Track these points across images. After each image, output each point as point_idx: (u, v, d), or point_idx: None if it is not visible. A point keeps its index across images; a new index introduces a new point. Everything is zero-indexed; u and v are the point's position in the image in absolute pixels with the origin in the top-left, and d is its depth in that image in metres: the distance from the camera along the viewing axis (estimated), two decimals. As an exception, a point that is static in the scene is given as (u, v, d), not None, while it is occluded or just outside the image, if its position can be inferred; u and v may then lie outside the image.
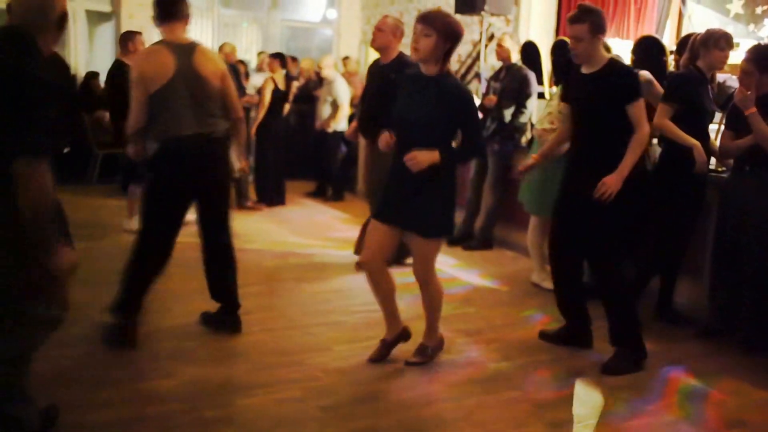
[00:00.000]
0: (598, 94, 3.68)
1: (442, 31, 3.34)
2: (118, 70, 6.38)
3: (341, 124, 8.34)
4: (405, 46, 5.27)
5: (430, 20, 3.36)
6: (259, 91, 7.91)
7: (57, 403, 2.84)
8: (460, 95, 3.46)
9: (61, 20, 2.62)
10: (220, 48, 8.68)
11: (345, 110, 8.28)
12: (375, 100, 5.31)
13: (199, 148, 3.74)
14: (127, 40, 6.54)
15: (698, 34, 4.31)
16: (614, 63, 3.73)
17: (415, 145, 3.37)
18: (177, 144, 3.71)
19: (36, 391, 2.66)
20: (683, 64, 4.33)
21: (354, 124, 6.09)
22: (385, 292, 3.68)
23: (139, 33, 6.65)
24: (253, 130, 7.78)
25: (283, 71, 7.97)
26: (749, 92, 3.84)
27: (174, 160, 3.74)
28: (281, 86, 7.80)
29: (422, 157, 3.33)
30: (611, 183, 3.58)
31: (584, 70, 3.76)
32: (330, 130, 8.33)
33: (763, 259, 3.98)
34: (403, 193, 3.49)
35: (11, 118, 2.34)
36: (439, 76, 3.42)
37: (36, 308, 2.48)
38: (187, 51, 3.74)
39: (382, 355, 3.70)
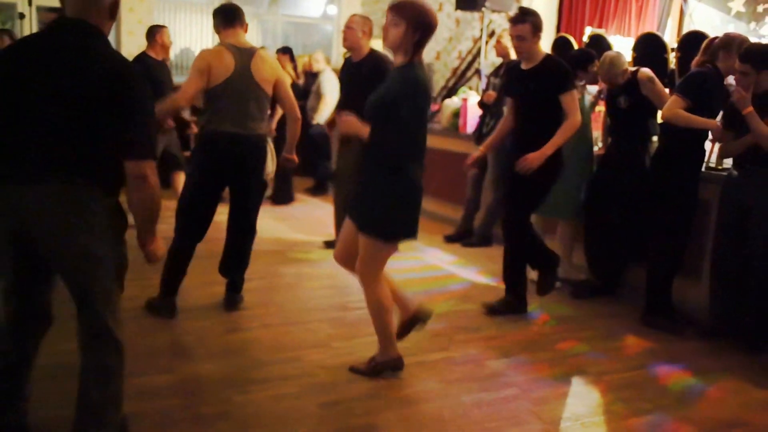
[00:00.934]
0: (536, 87, 4.17)
1: (412, 21, 3.14)
2: (140, 62, 6.33)
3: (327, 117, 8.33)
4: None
5: (400, 9, 3.18)
6: None
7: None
8: (403, 93, 3.15)
9: (113, 7, 2.46)
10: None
11: (329, 102, 8.21)
12: (349, 98, 5.38)
13: (234, 145, 4.08)
14: (154, 33, 6.53)
15: (715, 38, 4.29)
16: (549, 58, 4.26)
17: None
18: (214, 138, 4.08)
19: (35, 384, 2.64)
20: (696, 64, 4.30)
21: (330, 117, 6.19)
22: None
23: (165, 27, 6.63)
24: (274, 125, 7.74)
25: (293, 65, 7.92)
26: (746, 92, 3.83)
27: (209, 152, 4.13)
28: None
29: (352, 122, 3.23)
30: (532, 158, 4.09)
31: (524, 66, 4.26)
32: (314, 122, 8.29)
33: (763, 258, 3.97)
34: (361, 186, 3.41)
35: (121, 118, 2.35)
36: (404, 66, 3.21)
37: None
38: (246, 55, 4.10)
39: (400, 334, 3.59)
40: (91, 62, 2.32)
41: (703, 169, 4.39)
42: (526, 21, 4.14)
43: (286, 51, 8.02)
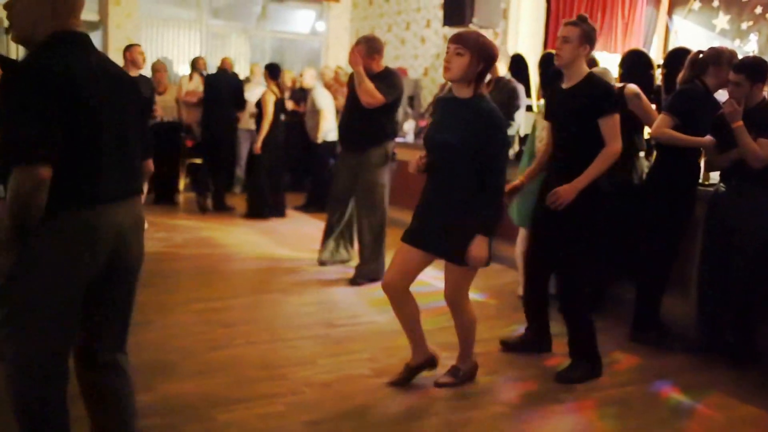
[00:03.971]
0: (575, 108, 3.65)
1: (476, 51, 3.17)
2: None
3: (330, 134, 8.31)
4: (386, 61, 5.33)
5: (464, 39, 3.19)
6: (258, 104, 7.84)
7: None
8: (491, 121, 3.23)
9: None
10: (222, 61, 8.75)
11: (327, 118, 8.23)
12: (350, 113, 5.43)
13: None
14: (124, 51, 6.93)
15: (698, 52, 4.28)
16: (592, 77, 3.71)
17: (443, 169, 3.32)
18: None
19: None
20: (682, 80, 4.28)
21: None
22: (407, 317, 3.52)
23: (137, 45, 6.90)
24: (259, 144, 7.75)
25: (276, 82, 7.91)
26: (738, 105, 3.84)
27: None
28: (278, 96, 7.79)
29: (479, 252, 3.25)
30: (563, 192, 3.59)
31: (564, 85, 3.74)
32: (318, 141, 8.27)
33: (749, 273, 3.97)
34: (435, 218, 3.35)
35: (141, 122, 2.49)
36: (473, 98, 3.25)
37: None
38: None
39: (403, 379, 3.56)
40: (126, 74, 2.45)
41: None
42: (578, 25, 3.62)
43: (268, 68, 8.00)
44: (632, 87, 4.55)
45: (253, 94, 8.41)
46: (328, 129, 8.29)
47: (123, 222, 2.30)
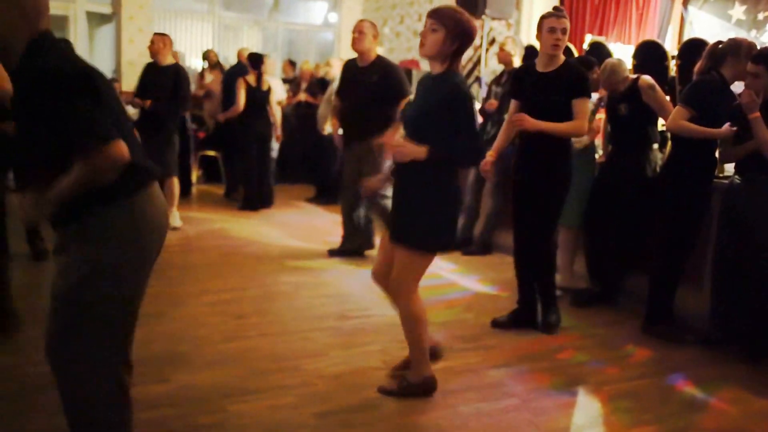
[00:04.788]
0: (556, 91, 4.03)
1: (452, 28, 3.04)
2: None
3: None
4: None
5: (440, 15, 3.07)
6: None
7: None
8: (454, 94, 3.09)
9: None
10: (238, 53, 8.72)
11: None
12: (353, 102, 5.52)
13: None
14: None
15: (717, 42, 4.23)
16: (568, 63, 4.17)
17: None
18: None
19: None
20: (698, 70, 4.23)
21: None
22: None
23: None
24: (221, 118, 7.85)
25: (256, 71, 7.78)
26: (756, 96, 3.79)
27: None
28: (258, 86, 7.70)
29: (407, 149, 3.09)
30: (529, 121, 3.99)
31: (542, 69, 4.13)
32: (324, 132, 8.26)
33: (764, 265, 3.93)
34: (395, 198, 3.30)
35: None
36: (441, 74, 3.14)
37: None
38: None
39: (405, 367, 3.45)
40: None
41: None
42: (566, 17, 4.11)
43: (248, 57, 7.95)
44: (647, 78, 4.52)
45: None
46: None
47: (164, 203, 2.36)
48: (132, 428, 2.36)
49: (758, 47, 4.13)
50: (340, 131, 6.01)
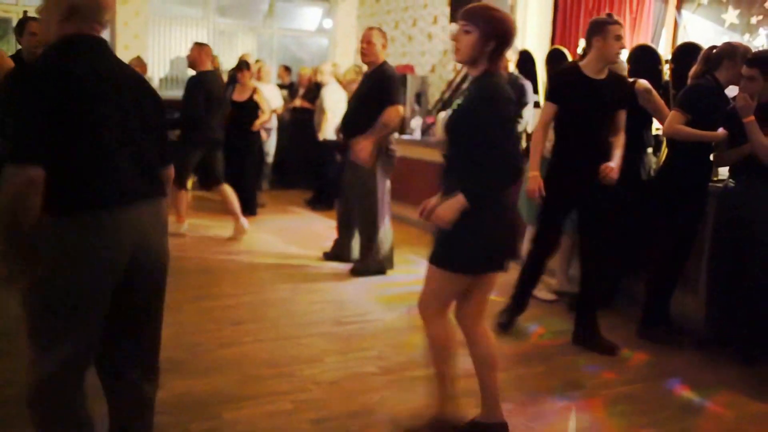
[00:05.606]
0: (609, 100, 4.00)
1: (485, 28, 2.74)
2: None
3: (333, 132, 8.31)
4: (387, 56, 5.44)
5: (471, 15, 2.77)
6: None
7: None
8: (480, 96, 2.79)
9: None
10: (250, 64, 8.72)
11: (330, 118, 8.20)
12: (350, 109, 5.61)
13: None
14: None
15: (712, 47, 4.24)
16: (616, 73, 4.14)
17: (449, 161, 2.94)
18: None
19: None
20: (693, 74, 4.24)
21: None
22: (475, 358, 3.02)
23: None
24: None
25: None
26: (751, 100, 3.80)
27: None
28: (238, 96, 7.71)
29: (444, 213, 2.76)
30: (613, 168, 3.93)
31: (594, 75, 4.00)
32: (320, 138, 8.26)
33: (759, 269, 3.94)
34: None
35: (160, 126, 2.48)
36: (477, 77, 2.83)
37: None
38: None
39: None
40: (142, 79, 2.41)
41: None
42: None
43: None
44: (643, 82, 4.52)
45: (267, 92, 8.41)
46: (331, 127, 8.28)
47: (141, 226, 2.27)
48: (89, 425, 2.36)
49: (753, 51, 4.15)
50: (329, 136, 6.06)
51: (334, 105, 8.13)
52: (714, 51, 4.15)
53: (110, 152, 2.18)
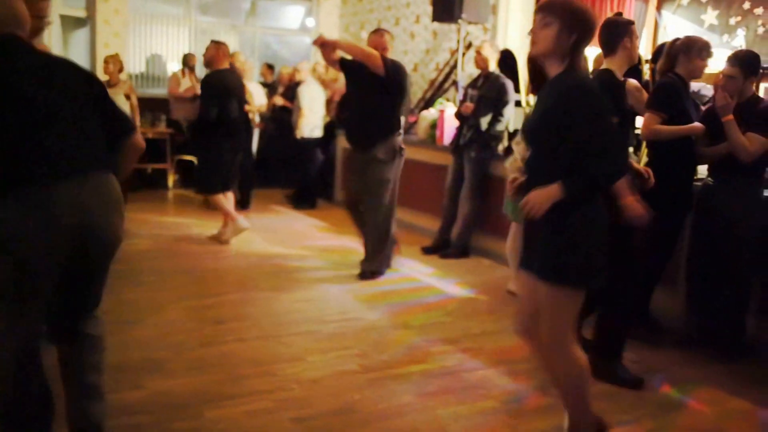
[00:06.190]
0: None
1: (566, 19, 2.58)
2: None
3: (315, 130, 8.32)
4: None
5: (551, 7, 2.61)
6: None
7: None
8: (571, 95, 2.57)
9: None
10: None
11: (306, 115, 8.20)
12: (359, 112, 5.42)
13: None
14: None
15: (675, 40, 4.26)
16: None
17: (533, 164, 2.73)
18: None
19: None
20: (660, 69, 4.27)
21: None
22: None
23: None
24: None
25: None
26: (731, 99, 3.83)
27: None
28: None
29: (537, 199, 2.56)
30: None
31: (621, 79, 3.77)
32: (297, 136, 8.27)
33: (738, 267, 3.98)
34: (529, 227, 2.75)
35: (102, 104, 2.65)
36: (559, 74, 2.64)
37: None
38: None
39: None
40: (76, 67, 2.58)
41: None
42: None
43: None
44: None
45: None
46: (313, 125, 8.29)
47: (80, 201, 2.35)
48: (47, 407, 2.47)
49: (731, 51, 4.18)
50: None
51: (311, 102, 8.20)
52: (674, 46, 4.15)
53: (33, 132, 2.31)
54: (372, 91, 5.23)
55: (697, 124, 4.05)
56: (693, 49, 4.03)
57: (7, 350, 2.30)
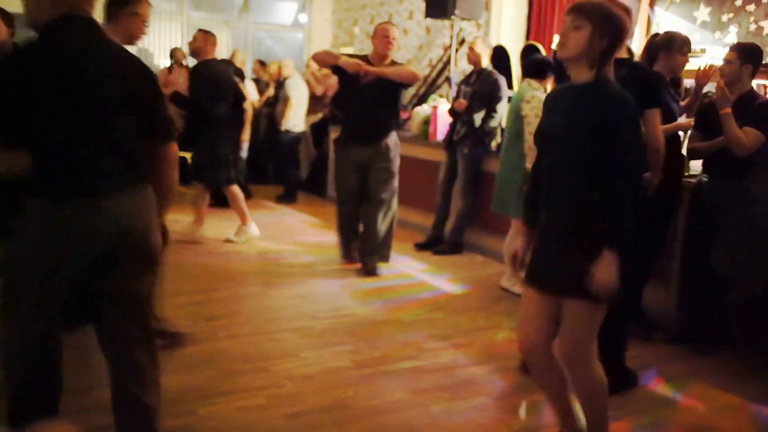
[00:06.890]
0: None
1: (600, 23, 2.47)
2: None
3: (297, 126, 8.34)
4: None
5: (584, 9, 2.49)
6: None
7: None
8: (616, 109, 2.46)
9: None
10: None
11: (295, 107, 8.23)
12: (364, 109, 5.40)
13: None
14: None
15: (654, 35, 4.24)
16: None
17: (551, 170, 2.58)
18: None
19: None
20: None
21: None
22: (552, 386, 2.75)
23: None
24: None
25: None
26: (730, 93, 3.84)
27: None
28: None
29: (605, 277, 2.39)
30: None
31: None
32: (282, 128, 8.31)
33: (731, 263, 3.98)
34: (548, 238, 2.62)
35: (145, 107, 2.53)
36: (591, 83, 2.51)
37: None
38: None
39: None
40: (138, 65, 2.45)
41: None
42: None
43: None
44: None
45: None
46: (297, 120, 8.31)
47: (118, 217, 2.29)
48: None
49: (722, 48, 4.20)
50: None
51: (300, 96, 8.24)
52: (654, 42, 4.13)
53: (70, 146, 2.22)
54: (385, 83, 5.28)
55: (683, 120, 4.07)
56: (673, 45, 4.00)
57: (21, 341, 2.32)
